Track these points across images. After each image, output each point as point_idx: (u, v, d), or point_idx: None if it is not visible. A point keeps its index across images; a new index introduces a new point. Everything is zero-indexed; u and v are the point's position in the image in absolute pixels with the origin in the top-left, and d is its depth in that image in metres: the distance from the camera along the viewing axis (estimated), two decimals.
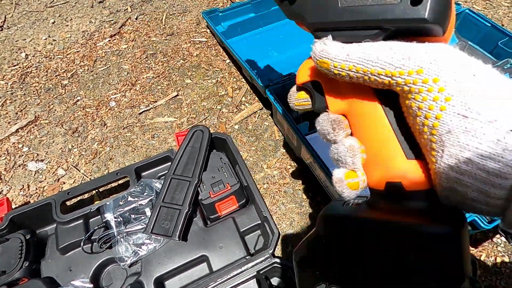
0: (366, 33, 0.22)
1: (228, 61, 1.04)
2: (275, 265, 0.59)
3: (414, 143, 0.23)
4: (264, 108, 0.91)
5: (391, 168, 0.25)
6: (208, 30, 1.14)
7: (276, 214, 0.72)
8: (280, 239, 0.70)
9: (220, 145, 0.76)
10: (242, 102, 0.92)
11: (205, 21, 1.17)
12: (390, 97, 0.23)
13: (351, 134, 0.27)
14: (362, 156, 0.26)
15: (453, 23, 0.22)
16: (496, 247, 0.67)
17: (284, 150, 0.82)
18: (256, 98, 0.94)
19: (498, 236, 0.67)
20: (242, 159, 0.72)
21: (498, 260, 0.65)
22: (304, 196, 0.74)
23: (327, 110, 0.28)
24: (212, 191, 0.67)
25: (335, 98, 0.27)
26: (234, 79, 0.98)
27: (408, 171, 0.24)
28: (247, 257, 0.61)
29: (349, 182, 0.26)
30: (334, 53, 0.22)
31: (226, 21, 1.09)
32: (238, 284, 0.58)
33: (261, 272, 0.59)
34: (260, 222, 0.66)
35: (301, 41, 1.00)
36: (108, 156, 0.83)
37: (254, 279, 0.59)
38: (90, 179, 0.79)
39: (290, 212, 0.72)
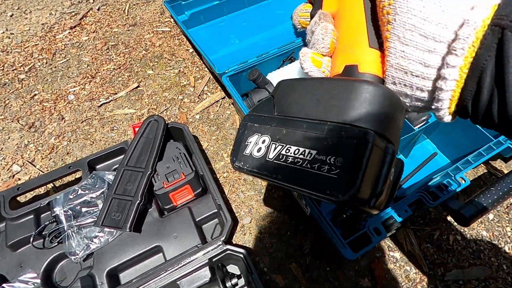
0: None
1: (191, 50, 1.02)
2: (228, 252, 0.59)
3: (380, 36, 0.26)
4: (226, 97, 0.90)
5: (352, 53, 0.27)
6: (172, 20, 1.11)
7: (235, 202, 0.72)
8: (238, 227, 0.69)
9: (178, 135, 0.75)
10: (204, 92, 0.91)
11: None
12: None
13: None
14: (332, 39, 0.28)
15: None
16: (450, 225, 0.68)
17: None
18: (219, 87, 0.92)
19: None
20: (198, 148, 0.71)
21: (451, 238, 0.67)
22: (264, 184, 0.74)
23: (320, 7, 0.32)
24: (166, 181, 0.66)
25: (329, 2, 0.31)
26: (197, 69, 0.97)
27: (366, 55, 0.26)
28: (199, 245, 0.60)
29: (313, 57, 0.29)
30: None
31: (190, 9, 1.06)
32: (191, 272, 0.58)
33: (214, 260, 0.59)
34: (216, 210, 0.66)
35: (262, 28, 0.98)
36: (65, 150, 0.81)
37: (207, 267, 0.59)
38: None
39: (249, 200, 0.72)
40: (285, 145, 0.26)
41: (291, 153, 0.25)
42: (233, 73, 0.75)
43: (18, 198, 0.69)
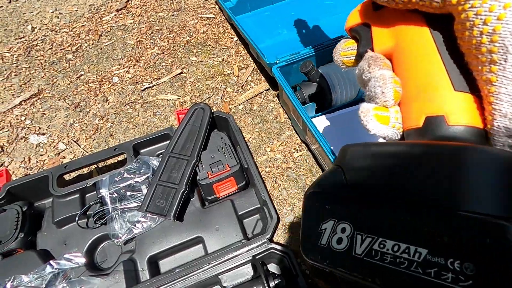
0: None
1: (235, 39, 0.99)
2: (272, 250, 0.56)
3: (467, 75, 0.20)
4: (270, 88, 0.87)
5: (434, 99, 0.21)
6: (216, 6, 1.09)
7: (277, 199, 0.69)
8: (280, 225, 0.67)
9: (222, 125, 0.73)
10: (248, 82, 0.88)
11: None
12: (442, 23, 0.20)
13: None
14: (395, 88, 0.23)
15: None
16: None
17: (290, 133, 0.78)
18: (263, 78, 0.89)
19: None
20: (244, 140, 0.69)
21: None
22: (308, 182, 0.71)
23: (371, 47, 0.26)
24: (210, 171, 0.64)
25: (382, 36, 0.25)
26: (241, 58, 0.94)
27: (453, 102, 0.20)
28: (243, 241, 0.58)
29: (377, 113, 0.23)
30: None
31: None
32: (233, 268, 0.56)
33: (257, 257, 0.56)
34: (259, 206, 0.64)
35: (312, 19, 0.93)
36: (109, 132, 0.81)
37: (250, 264, 0.57)
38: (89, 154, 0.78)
39: (291, 198, 0.69)
40: (376, 237, 0.19)
41: (388, 249, 0.18)
42: (284, 64, 0.72)
43: (64, 176, 0.70)
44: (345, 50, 0.30)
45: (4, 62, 0.98)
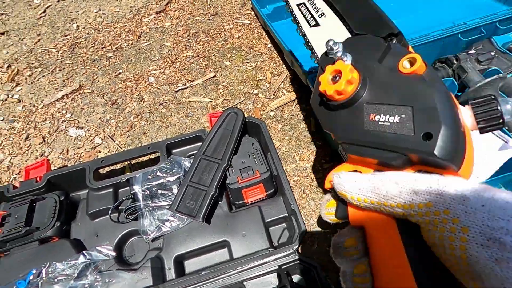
0: (388, 154, 0.23)
1: (269, 45, 1.00)
2: (299, 262, 0.55)
3: (433, 277, 0.20)
4: (303, 97, 0.86)
5: None
6: (252, 12, 1.10)
7: (305, 209, 0.68)
8: (306, 236, 0.66)
9: (253, 131, 0.73)
10: (280, 89, 0.88)
11: (250, 3, 1.13)
12: (411, 226, 0.20)
13: (367, 248, 0.25)
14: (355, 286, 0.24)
15: (470, 162, 0.21)
16: None
17: (320, 144, 0.77)
18: (296, 86, 0.89)
19: None
20: (274, 147, 0.68)
21: None
22: None
23: (347, 219, 0.27)
24: (240, 176, 0.65)
25: (355, 212, 0.26)
26: (274, 65, 0.94)
27: None
28: (270, 249, 0.58)
29: None
30: (348, 187, 0.23)
31: (272, 3, 1.04)
32: (258, 276, 0.55)
33: (283, 267, 0.56)
34: (287, 215, 0.63)
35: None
36: (142, 130, 0.84)
37: (275, 273, 0.56)
38: (123, 150, 0.80)
39: (319, 209, 0.68)
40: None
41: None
42: None
43: (99, 170, 0.73)
44: (328, 211, 0.31)
45: (50, 57, 1.04)
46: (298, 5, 0.52)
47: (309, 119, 0.82)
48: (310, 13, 0.49)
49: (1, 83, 0.98)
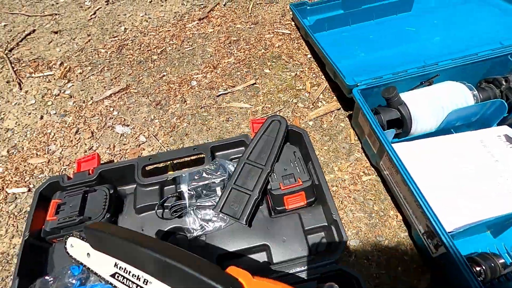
0: None
1: (309, 56, 1.02)
2: (340, 271, 0.56)
3: None
4: (341, 108, 0.87)
5: None
6: (292, 23, 1.13)
7: (342, 220, 0.69)
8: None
9: (295, 139, 0.75)
10: (320, 99, 0.90)
11: (290, 13, 1.16)
12: None
13: None
14: None
15: None
16: None
17: (359, 156, 0.78)
18: (334, 97, 0.90)
19: None
20: (316, 156, 0.70)
21: None
22: (376, 208, 0.70)
23: None
24: (282, 183, 0.66)
25: None
26: (314, 75, 0.96)
27: None
28: (310, 257, 0.59)
29: None
30: None
31: (313, 15, 1.07)
32: (297, 282, 0.57)
33: (323, 276, 0.57)
34: (326, 224, 0.64)
35: (391, 44, 0.93)
36: (184, 131, 0.87)
37: (315, 281, 0.57)
38: (166, 149, 0.84)
39: (357, 221, 0.68)
40: None
41: None
42: (365, 87, 0.72)
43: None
44: None
45: (99, 57, 1.10)
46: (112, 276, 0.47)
47: (348, 131, 0.82)
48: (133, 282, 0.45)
49: (54, 79, 1.05)
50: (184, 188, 0.67)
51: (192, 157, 0.82)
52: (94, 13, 1.27)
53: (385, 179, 0.71)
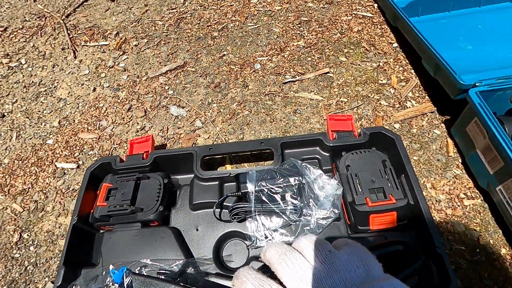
0: None
1: (395, 45, 0.86)
2: None
3: None
4: (436, 111, 0.72)
5: None
6: (375, 5, 0.97)
7: None
8: None
9: (385, 145, 0.62)
10: (408, 98, 0.75)
11: None
12: None
13: None
14: None
15: None
16: None
17: (459, 173, 0.63)
18: (427, 97, 0.75)
19: None
20: (413, 169, 0.56)
21: None
22: (483, 241, 0.55)
23: None
24: (369, 197, 0.54)
25: None
26: (401, 68, 0.81)
27: None
28: None
29: None
30: None
31: None
32: None
33: None
34: (424, 258, 0.51)
35: (510, 35, 0.75)
36: (245, 120, 0.77)
37: None
38: (224, 138, 0.74)
39: (456, 255, 0.55)
40: None
41: None
42: (487, 88, 0.57)
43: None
44: None
45: (156, 29, 1.03)
46: None
47: (444, 140, 0.67)
48: None
49: (109, 49, 0.99)
50: (250, 188, 0.57)
51: (254, 152, 0.72)
52: None
53: (498, 207, 0.56)
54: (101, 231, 0.61)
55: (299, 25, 0.95)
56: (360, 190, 0.55)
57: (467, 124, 0.60)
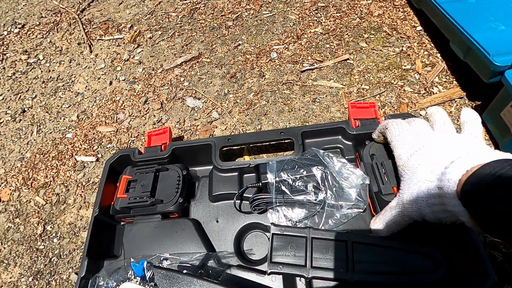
0: None
1: (419, 28, 0.82)
2: None
3: None
4: (465, 97, 0.68)
5: None
6: None
7: None
8: None
9: None
10: (435, 84, 0.71)
11: None
12: None
13: None
14: None
15: None
16: None
17: None
18: (455, 82, 0.71)
19: None
20: None
21: None
22: None
23: None
24: (396, 187, 0.51)
25: None
26: (426, 53, 0.77)
27: None
28: None
29: None
30: None
31: None
32: None
33: None
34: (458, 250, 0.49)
35: None
36: (262, 110, 0.75)
37: None
38: (241, 129, 0.73)
39: (491, 247, 0.52)
40: None
41: None
42: None
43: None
44: None
45: (169, 21, 1.01)
46: None
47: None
48: None
49: (124, 43, 0.99)
50: (270, 178, 0.55)
51: (273, 142, 0.70)
52: None
53: None
54: (122, 223, 0.61)
55: (316, 11, 0.92)
56: (386, 179, 0.52)
57: (503, 108, 0.56)
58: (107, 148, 0.76)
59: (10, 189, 0.73)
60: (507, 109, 0.55)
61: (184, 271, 0.47)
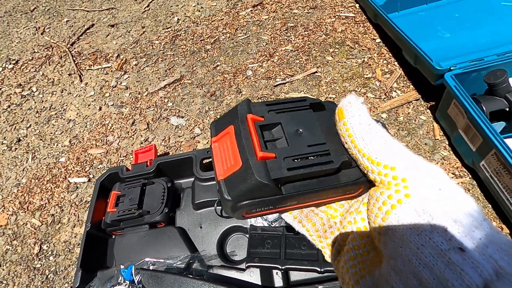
0: None
1: (378, 40, 0.90)
2: None
3: None
4: (421, 99, 0.75)
5: None
6: (357, 5, 1.01)
7: None
8: None
9: None
10: (393, 89, 0.78)
11: None
12: None
13: None
14: None
15: None
16: None
17: (446, 154, 0.66)
18: (411, 86, 0.78)
19: None
20: None
21: None
22: None
23: None
24: None
25: None
26: (385, 62, 0.85)
27: None
28: None
29: None
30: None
31: None
32: None
33: None
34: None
35: (485, 22, 0.78)
36: None
37: None
38: None
39: None
40: None
41: None
42: (461, 71, 0.60)
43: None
44: None
45: (153, 48, 1.10)
46: None
47: (430, 125, 0.70)
48: None
49: (112, 71, 1.06)
50: None
51: None
52: (148, 5, 1.27)
53: (485, 183, 0.58)
54: (113, 236, 0.65)
55: (286, 31, 1.01)
56: None
57: (448, 106, 0.63)
58: (98, 168, 0.82)
59: (7, 214, 0.77)
60: (451, 107, 0.62)
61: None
